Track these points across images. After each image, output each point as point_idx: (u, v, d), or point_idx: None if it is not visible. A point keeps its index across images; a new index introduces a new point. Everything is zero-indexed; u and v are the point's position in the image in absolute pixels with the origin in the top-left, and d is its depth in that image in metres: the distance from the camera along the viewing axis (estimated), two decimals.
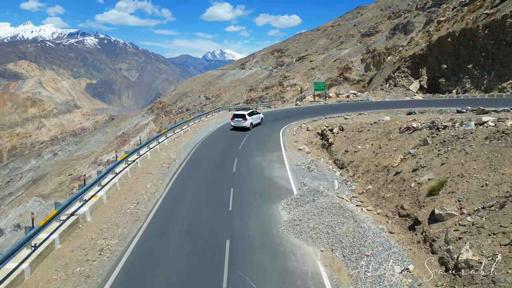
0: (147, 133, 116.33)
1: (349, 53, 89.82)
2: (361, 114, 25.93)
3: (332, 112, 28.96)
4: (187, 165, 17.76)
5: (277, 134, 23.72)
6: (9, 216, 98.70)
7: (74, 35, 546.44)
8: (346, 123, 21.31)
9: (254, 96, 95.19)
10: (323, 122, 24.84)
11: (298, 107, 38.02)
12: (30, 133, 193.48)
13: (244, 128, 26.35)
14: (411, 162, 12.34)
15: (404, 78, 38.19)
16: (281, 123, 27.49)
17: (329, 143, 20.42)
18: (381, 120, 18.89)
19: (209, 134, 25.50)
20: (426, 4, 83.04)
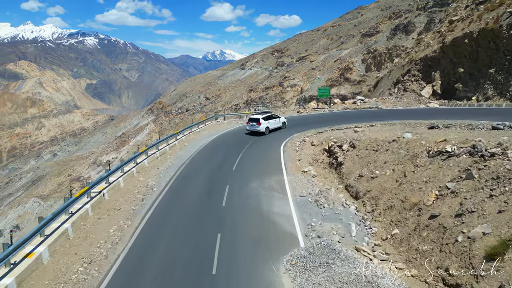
0: (146, 133, 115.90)
1: (350, 54, 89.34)
2: (373, 126, 22.77)
3: (339, 122, 25.70)
4: (167, 196, 14.45)
5: (277, 150, 20.66)
6: (8, 217, 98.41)
7: (74, 35, 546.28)
8: (358, 139, 18.33)
9: (254, 96, 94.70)
10: (329, 135, 21.77)
11: (300, 115, 34.23)
12: (29, 134, 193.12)
13: (259, 133, 24.93)
14: (451, 202, 9.53)
15: (414, 82, 34.94)
16: (281, 134, 24.45)
17: (338, 162, 17.53)
18: (402, 138, 15.71)
19: (199, 149, 22.36)
20: (427, 4, 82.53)
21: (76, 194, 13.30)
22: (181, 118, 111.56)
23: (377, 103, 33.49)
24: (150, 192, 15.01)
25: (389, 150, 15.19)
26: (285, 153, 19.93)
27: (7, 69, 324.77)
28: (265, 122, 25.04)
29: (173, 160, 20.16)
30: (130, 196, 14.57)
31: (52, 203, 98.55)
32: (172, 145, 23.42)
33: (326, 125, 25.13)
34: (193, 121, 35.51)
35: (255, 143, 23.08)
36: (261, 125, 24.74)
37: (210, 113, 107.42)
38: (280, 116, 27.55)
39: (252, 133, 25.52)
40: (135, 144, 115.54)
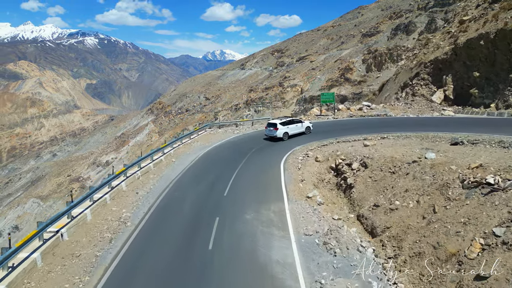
0: (146, 133, 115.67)
1: (350, 54, 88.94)
2: (385, 139, 20.25)
3: (345, 132, 23.17)
4: (141, 235, 11.71)
5: (277, 167, 18.00)
6: (8, 218, 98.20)
7: (74, 35, 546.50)
8: (369, 156, 15.85)
9: (254, 97, 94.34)
10: (335, 148, 19.44)
11: None
12: (29, 134, 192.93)
13: (276, 138, 23.55)
14: (506, 259, 7.05)
15: (424, 86, 32.18)
16: (281, 147, 21.68)
17: (348, 184, 15.11)
18: (424, 159, 13.23)
19: (188, 166, 19.45)
20: (428, 4, 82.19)
21: (24, 238, 9.86)
22: (181, 118, 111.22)
23: (385, 110, 30.55)
24: (122, 228, 12.15)
25: (410, 174, 12.68)
26: (286, 171, 17.23)
27: (7, 69, 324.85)
28: (283, 127, 23.64)
29: (157, 181, 17.22)
30: (97, 234, 11.76)
31: (51, 203, 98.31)
32: (157, 161, 20.49)
33: (331, 136, 22.64)
34: (193, 128, 31.51)
35: (252, 157, 20.36)
36: (278, 131, 23.45)
37: (210, 113, 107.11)
38: (303, 120, 25.60)
39: (270, 139, 23.94)
40: (135, 144, 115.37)
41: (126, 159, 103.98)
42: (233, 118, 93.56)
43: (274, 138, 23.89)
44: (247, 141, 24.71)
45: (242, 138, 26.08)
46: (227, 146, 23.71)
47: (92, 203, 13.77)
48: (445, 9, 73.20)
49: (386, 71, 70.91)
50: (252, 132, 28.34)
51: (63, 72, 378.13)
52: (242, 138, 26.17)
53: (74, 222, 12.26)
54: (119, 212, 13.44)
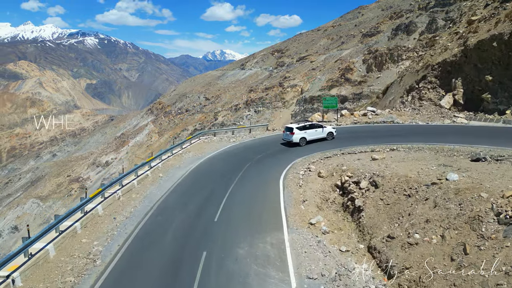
0: (146, 134, 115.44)
1: (350, 54, 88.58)
2: (394, 151, 18.45)
3: (350, 142, 21.37)
4: (111, 277, 9.70)
5: (275, 184, 15.94)
6: (7, 218, 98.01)
7: (74, 35, 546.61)
8: (379, 173, 14.01)
9: (254, 97, 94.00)
10: (340, 161, 17.57)
11: None
12: (29, 134, 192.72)
13: (292, 144, 22.37)
14: None
15: (431, 90, 30.26)
16: (281, 159, 19.54)
17: (356, 206, 13.37)
18: (444, 180, 11.45)
19: (176, 183, 17.31)
20: (429, 4, 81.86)
21: None
22: (181, 119, 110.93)
23: (391, 116, 28.48)
24: (89, 268, 10.11)
25: (430, 199, 10.82)
26: (285, 189, 15.23)
27: (7, 69, 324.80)
28: (300, 132, 22.30)
29: (139, 202, 15.06)
30: (57, 278, 9.59)
31: (50, 204, 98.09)
32: (143, 177, 18.11)
33: (334, 146, 20.80)
34: (190, 136, 28.42)
35: (249, 171, 18.22)
36: (294, 135, 22.19)
37: (210, 114, 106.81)
38: (325, 125, 23.78)
39: (287, 144, 22.75)
40: (134, 144, 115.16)
41: (126, 159, 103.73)
42: (233, 118, 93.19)
43: (290, 143, 22.63)
44: (244, 152, 22.39)
45: (238, 148, 23.83)
46: (221, 158, 21.46)
47: (58, 235, 11.43)
48: (446, 9, 72.76)
49: (387, 71, 70.55)
50: (249, 141, 25.80)
51: (63, 72, 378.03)
52: (238, 147, 23.84)
53: (32, 262, 9.90)
54: (90, 246, 11.42)
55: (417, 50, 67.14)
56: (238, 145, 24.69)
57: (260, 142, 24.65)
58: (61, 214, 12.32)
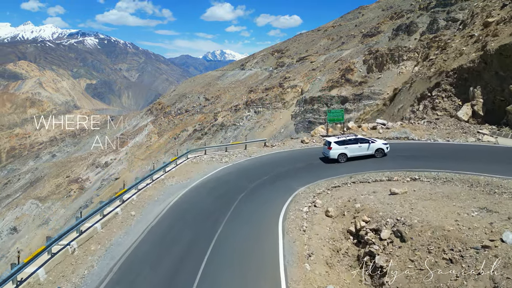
0: (145, 134, 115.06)
1: (351, 54, 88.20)
2: (417, 181, 15.60)
3: (361, 167, 18.36)
4: None
5: (273, 229, 12.79)
6: (6, 219, 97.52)
7: (74, 35, 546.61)
8: (405, 219, 11.12)
9: (254, 97, 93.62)
10: (351, 194, 14.59)
11: (303, 149, 24.18)
12: (29, 134, 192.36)
13: (329, 160, 19.82)
14: None
15: (446, 99, 27.32)
16: (280, 189, 16.33)
17: (378, 267, 10.31)
18: (500, 243, 8.75)
19: (149, 226, 13.77)
20: (430, 4, 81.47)
21: None
22: (180, 119, 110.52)
23: (405, 131, 24.85)
24: None
25: (485, 275, 8.09)
26: (286, 236, 12.20)
27: (7, 69, 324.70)
28: (339, 147, 19.58)
29: (97, 259, 11.65)
30: None
31: (50, 204, 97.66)
32: (110, 217, 14.43)
33: (342, 171, 17.80)
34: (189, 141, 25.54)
35: (240, 208, 14.75)
36: (331, 151, 19.61)
37: (209, 114, 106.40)
38: (373, 139, 20.57)
39: (325, 160, 20.09)
40: (134, 145, 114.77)
41: (125, 160, 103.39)
42: (232, 119, 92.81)
43: (328, 159, 20.00)
44: (236, 177, 18.67)
45: (230, 171, 19.97)
46: (209, 187, 17.60)
47: None
48: (447, 9, 72.41)
49: (388, 71, 70.20)
50: (244, 162, 21.73)
51: (63, 72, 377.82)
52: (230, 171, 19.95)
53: None
54: None
55: (418, 50, 66.77)
56: (231, 167, 20.78)
57: (256, 164, 20.91)
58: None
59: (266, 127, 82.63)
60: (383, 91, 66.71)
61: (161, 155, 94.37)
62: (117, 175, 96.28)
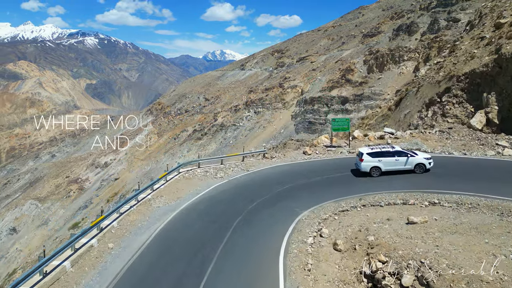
0: (145, 135, 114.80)
1: (351, 54, 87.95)
2: (436, 206, 13.80)
3: (370, 184, 16.58)
4: None
5: (273, 267, 11.04)
6: (5, 219, 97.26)
7: (74, 35, 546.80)
8: (430, 262, 9.43)
9: (254, 98, 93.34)
10: (362, 222, 12.96)
11: (306, 162, 21.78)
12: (29, 134, 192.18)
13: (360, 173, 17.98)
14: None
15: (457, 105, 25.57)
16: (281, 212, 14.48)
17: None
18: None
19: (128, 264, 11.75)
20: (431, 4, 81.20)
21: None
22: (180, 119, 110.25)
23: (416, 142, 22.91)
24: None
25: None
26: (288, 280, 10.36)
27: (7, 69, 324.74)
28: (372, 159, 17.62)
29: None
30: None
31: (49, 205, 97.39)
32: (84, 250, 12.23)
33: (350, 190, 15.84)
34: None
35: (236, 237, 12.82)
36: (363, 163, 17.72)
37: (209, 114, 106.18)
38: (414, 152, 18.35)
39: (356, 173, 18.34)
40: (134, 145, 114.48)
41: (125, 160, 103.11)
42: (232, 119, 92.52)
43: (359, 172, 18.07)
44: (232, 197, 16.70)
45: (225, 189, 17.88)
46: (200, 210, 15.53)
47: None
48: (448, 9, 72.14)
49: (388, 72, 69.94)
50: (241, 177, 19.68)
51: (63, 72, 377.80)
52: (225, 189, 17.84)
53: None
54: None
55: (419, 51, 66.52)
56: (226, 184, 18.62)
57: (254, 180, 18.78)
58: None
59: (266, 127, 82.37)
60: (384, 91, 66.46)
61: (160, 156, 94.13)
62: (117, 176, 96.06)
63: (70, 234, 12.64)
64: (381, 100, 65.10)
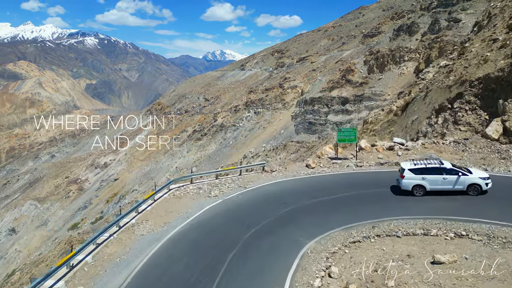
0: (145, 135, 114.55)
1: (351, 55, 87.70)
2: (464, 238, 11.90)
3: (383, 205, 14.65)
4: None
5: None
6: (4, 220, 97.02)
7: (74, 35, 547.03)
8: None
9: (254, 98, 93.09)
10: (378, 259, 11.25)
11: (310, 176, 19.52)
12: (28, 134, 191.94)
13: (401, 191, 15.59)
14: None
15: (470, 112, 23.93)
16: (282, 243, 12.70)
17: None
18: None
19: None
20: (431, 4, 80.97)
21: None
22: (180, 120, 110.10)
23: (431, 155, 20.84)
24: None
25: None
26: None
27: (7, 69, 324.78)
28: (415, 176, 15.17)
29: None
30: None
31: (48, 205, 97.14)
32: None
33: (361, 214, 13.85)
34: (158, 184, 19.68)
35: (229, 278, 10.98)
36: (403, 180, 15.34)
37: (209, 115, 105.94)
38: (467, 170, 15.47)
39: (396, 190, 15.94)
40: (133, 146, 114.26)
41: (125, 160, 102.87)
42: (232, 120, 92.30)
43: (400, 190, 15.73)
44: (226, 222, 14.67)
45: (218, 212, 15.62)
46: (190, 239, 13.58)
47: None
48: (449, 10, 71.91)
49: (389, 72, 69.70)
50: (238, 196, 17.32)
51: (63, 72, 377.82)
52: (219, 212, 15.62)
53: None
54: None
55: (420, 51, 66.28)
56: (221, 205, 16.38)
57: (252, 200, 16.63)
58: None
59: (266, 128, 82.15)
60: (384, 92, 66.22)
61: (160, 156, 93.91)
62: (116, 176, 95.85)
63: (31, 279, 10.48)
64: (381, 100, 64.85)
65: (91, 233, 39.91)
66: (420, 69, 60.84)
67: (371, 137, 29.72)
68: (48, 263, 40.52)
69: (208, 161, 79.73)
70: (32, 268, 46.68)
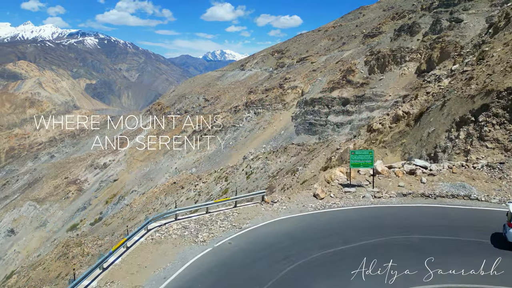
0: (144, 135, 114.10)
1: (352, 55, 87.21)
2: None
3: (418, 265, 9.95)
4: None
5: None
6: (3, 221, 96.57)
7: (74, 35, 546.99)
8: None
9: (254, 98, 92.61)
10: None
11: (319, 213, 15.85)
12: (28, 134, 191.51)
13: (507, 243, 11.15)
14: None
15: (499, 126, 21.15)
16: None
17: None
18: None
19: None
20: (432, 4, 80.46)
21: None
22: (180, 120, 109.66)
23: (463, 185, 16.87)
24: None
25: None
26: None
27: (7, 69, 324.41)
28: None
29: None
30: None
31: (47, 206, 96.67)
32: None
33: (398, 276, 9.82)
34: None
35: None
36: (510, 231, 11.04)
37: (209, 115, 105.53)
38: None
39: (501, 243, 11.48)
40: (133, 146, 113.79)
41: (124, 161, 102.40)
42: (232, 120, 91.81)
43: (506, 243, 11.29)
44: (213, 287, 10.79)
45: (205, 268, 11.79)
46: None
47: None
48: (450, 10, 71.37)
49: (390, 73, 69.24)
50: (232, 241, 13.63)
51: (63, 72, 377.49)
52: (206, 269, 11.78)
53: None
54: None
55: (421, 51, 65.81)
56: (208, 256, 12.63)
57: (248, 249, 12.83)
58: None
59: (266, 128, 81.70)
60: (385, 92, 65.77)
61: (160, 157, 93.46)
62: (116, 177, 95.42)
63: None
64: (382, 101, 64.42)
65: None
66: (421, 69, 60.36)
67: (381, 149, 27.05)
68: (45, 267, 40.01)
69: (207, 161, 79.33)
70: (30, 271, 46.25)
